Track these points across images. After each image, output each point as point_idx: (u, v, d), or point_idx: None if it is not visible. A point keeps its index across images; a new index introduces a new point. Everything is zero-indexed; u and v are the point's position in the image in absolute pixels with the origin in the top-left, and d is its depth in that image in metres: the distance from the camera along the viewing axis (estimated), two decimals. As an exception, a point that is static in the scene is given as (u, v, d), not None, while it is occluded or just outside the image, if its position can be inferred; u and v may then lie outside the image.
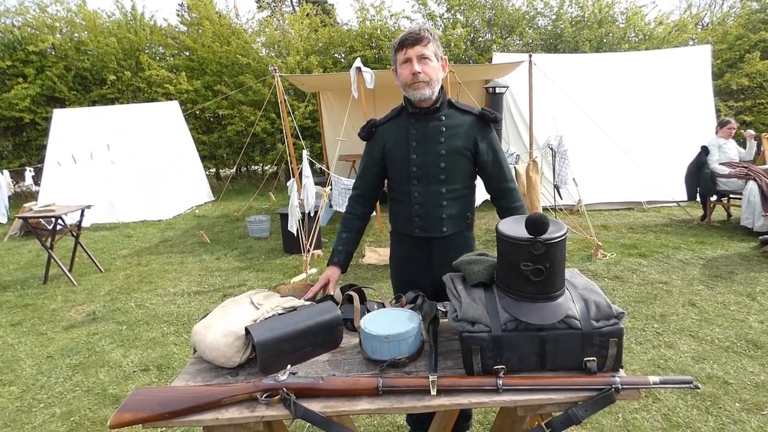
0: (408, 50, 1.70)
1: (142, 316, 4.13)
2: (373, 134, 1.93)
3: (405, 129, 1.83)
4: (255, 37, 12.76)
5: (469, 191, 1.88)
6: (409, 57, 1.70)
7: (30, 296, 4.80)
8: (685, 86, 7.91)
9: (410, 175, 1.83)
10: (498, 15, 11.86)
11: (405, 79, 1.73)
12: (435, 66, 1.72)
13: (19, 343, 3.72)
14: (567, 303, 1.29)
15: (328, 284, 1.84)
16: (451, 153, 1.79)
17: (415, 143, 1.81)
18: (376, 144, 1.91)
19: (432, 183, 1.81)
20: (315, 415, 1.19)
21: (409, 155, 1.81)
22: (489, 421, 2.48)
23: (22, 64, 11.05)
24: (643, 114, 7.74)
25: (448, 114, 1.81)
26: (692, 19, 11.88)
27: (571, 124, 7.13)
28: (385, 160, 1.91)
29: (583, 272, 2.96)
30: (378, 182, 1.98)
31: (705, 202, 6.38)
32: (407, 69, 1.71)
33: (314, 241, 5.34)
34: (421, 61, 1.69)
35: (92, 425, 2.62)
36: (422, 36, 1.69)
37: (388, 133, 1.88)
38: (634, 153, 7.06)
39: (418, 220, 1.86)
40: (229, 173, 12.33)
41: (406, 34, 1.71)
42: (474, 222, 1.96)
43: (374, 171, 1.95)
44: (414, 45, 1.69)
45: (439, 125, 1.79)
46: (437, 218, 1.84)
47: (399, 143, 1.84)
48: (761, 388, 2.66)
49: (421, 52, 1.69)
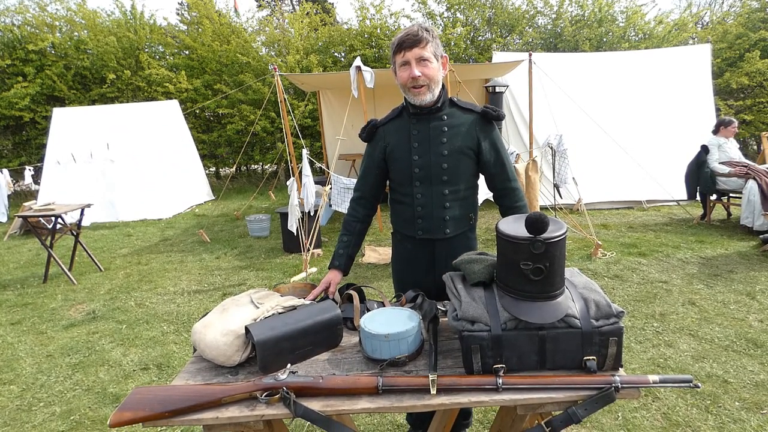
0: (406, 53, 1.64)
1: (141, 315, 4.14)
2: (374, 135, 1.89)
3: (406, 129, 1.80)
4: (255, 36, 12.74)
5: (472, 191, 1.86)
6: (407, 60, 1.65)
7: (30, 295, 4.80)
8: (684, 85, 7.91)
9: (413, 176, 1.79)
10: (498, 14, 11.86)
11: (404, 82, 1.69)
12: (435, 67, 1.67)
13: (18, 342, 3.72)
14: (567, 302, 1.29)
15: (329, 288, 1.82)
16: (454, 153, 1.75)
17: (417, 144, 1.77)
18: (377, 145, 1.88)
19: (435, 184, 1.78)
20: (315, 414, 1.19)
21: (411, 156, 1.78)
22: (489, 420, 2.49)
23: (22, 63, 11.05)
24: (643, 113, 7.74)
25: (450, 113, 1.78)
26: (692, 18, 11.88)
27: (570, 123, 7.13)
28: (386, 161, 1.87)
29: (583, 271, 2.97)
30: (379, 184, 1.95)
31: (705, 201, 6.37)
32: (406, 72, 1.67)
33: (314, 240, 5.34)
34: (420, 63, 1.64)
35: (92, 424, 2.63)
36: (420, 37, 1.62)
37: (390, 133, 1.85)
38: (634, 152, 7.06)
39: (420, 221, 1.83)
40: (229, 172, 12.33)
41: (403, 35, 1.65)
42: (477, 222, 1.95)
43: (375, 172, 1.91)
44: (412, 47, 1.63)
45: (440, 125, 1.76)
46: (440, 219, 1.81)
47: (400, 144, 1.81)
48: (761, 387, 2.66)
49: (419, 54, 1.63)
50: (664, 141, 7.60)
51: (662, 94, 7.81)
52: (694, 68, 8.00)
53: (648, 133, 7.63)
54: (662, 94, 7.81)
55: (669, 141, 7.59)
